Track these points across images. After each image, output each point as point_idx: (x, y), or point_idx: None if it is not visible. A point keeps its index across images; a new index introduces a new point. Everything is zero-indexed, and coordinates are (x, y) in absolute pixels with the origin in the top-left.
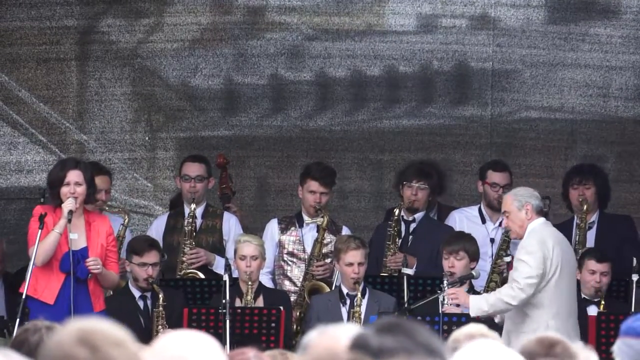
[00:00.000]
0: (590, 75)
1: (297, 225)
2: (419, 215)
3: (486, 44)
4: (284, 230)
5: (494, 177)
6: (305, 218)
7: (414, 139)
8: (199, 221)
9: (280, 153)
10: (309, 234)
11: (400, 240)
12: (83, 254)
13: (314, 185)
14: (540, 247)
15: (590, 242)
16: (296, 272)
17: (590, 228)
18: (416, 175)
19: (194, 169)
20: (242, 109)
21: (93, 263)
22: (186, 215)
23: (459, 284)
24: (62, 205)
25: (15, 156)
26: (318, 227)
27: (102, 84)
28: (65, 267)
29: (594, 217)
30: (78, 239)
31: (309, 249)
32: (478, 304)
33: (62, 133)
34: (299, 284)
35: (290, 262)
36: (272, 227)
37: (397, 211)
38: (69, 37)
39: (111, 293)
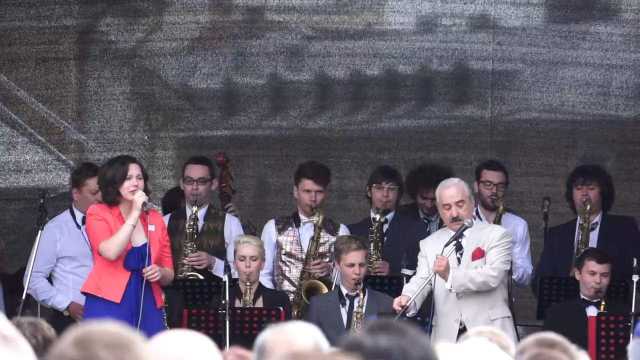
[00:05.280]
0: (591, 74)
1: (294, 225)
2: (390, 216)
3: (486, 42)
4: (281, 230)
5: (488, 175)
6: (302, 217)
7: (413, 137)
8: (200, 223)
9: (280, 152)
10: (306, 233)
11: (380, 245)
12: (145, 250)
13: (308, 184)
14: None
15: (593, 243)
16: (295, 272)
17: (593, 229)
18: (385, 176)
19: (196, 171)
20: (241, 108)
21: (151, 272)
22: (188, 217)
23: (456, 241)
24: (135, 197)
25: (14, 156)
26: (315, 226)
27: (101, 83)
28: (130, 265)
29: (597, 219)
30: (138, 236)
31: (306, 249)
32: (460, 281)
33: (61, 133)
34: (297, 284)
35: (288, 263)
36: (270, 228)
37: (378, 216)
38: (68, 36)
39: None
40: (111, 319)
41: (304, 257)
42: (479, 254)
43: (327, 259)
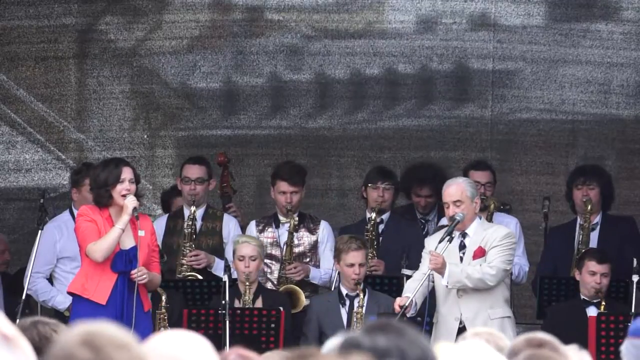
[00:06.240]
0: (591, 72)
1: (273, 226)
2: (385, 216)
3: (486, 41)
4: (261, 231)
5: (475, 175)
6: (281, 218)
7: (413, 136)
8: (198, 223)
9: (280, 151)
10: (286, 234)
11: (376, 244)
12: (133, 253)
13: (283, 185)
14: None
15: (593, 243)
16: (276, 274)
17: (593, 229)
18: (380, 176)
19: (194, 171)
20: (241, 107)
21: (139, 274)
22: (186, 217)
23: (449, 236)
24: (126, 201)
25: (13, 155)
26: (288, 231)
27: (100, 82)
28: (117, 267)
29: (597, 219)
30: (126, 239)
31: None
32: (456, 277)
33: (60, 132)
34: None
35: (269, 264)
36: (251, 229)
37: (373, 215)
38: (68, 35)
39: None
40: (97, 320)
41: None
42: (479, 253)
43: (308, 259)
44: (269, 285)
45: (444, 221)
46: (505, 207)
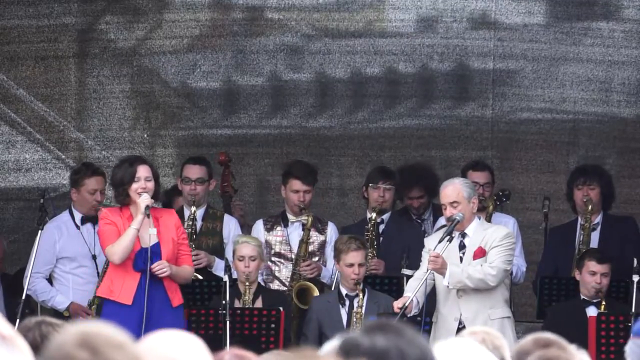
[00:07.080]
0: (592, 70)
1: (282, 225)
2: (386, 216)
3: (487, 39)
4: (269, 230)
5: (474, 176)
6: (290, 217)
7: (414, 136)
8: (199, 223)
9: (280, 151)
10: (295, 232)
11: (376, 244)
12: (156, 250)
13: (296, 184)
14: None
15: (594, 243)
16: (284, 272)
17: (594, 229)
18: (381, 176)
19: (194, 171)
20: (241, 107)
21: (159, 268)
22: (186, 217)
23: (449, 236)
24: (139, 200)
25: (13, 155)
26: (303, 226)
27: (100, 81)
28: (139, 266)
29: (598, 219)
30: (146, 236)
31: (295, 249)
32: (457, 277)
33: (60, 131)
34: (288, 284)
35: (278, 263)
36: (258, 228)
37: (374, 215)
38: (68, 34)
39: None
40: (124, 321)
41: (293, 257)
42: (480, 253)
43: (317, 258)
44: (277, 284)
45: (443, 221)
46: (504, 193)
